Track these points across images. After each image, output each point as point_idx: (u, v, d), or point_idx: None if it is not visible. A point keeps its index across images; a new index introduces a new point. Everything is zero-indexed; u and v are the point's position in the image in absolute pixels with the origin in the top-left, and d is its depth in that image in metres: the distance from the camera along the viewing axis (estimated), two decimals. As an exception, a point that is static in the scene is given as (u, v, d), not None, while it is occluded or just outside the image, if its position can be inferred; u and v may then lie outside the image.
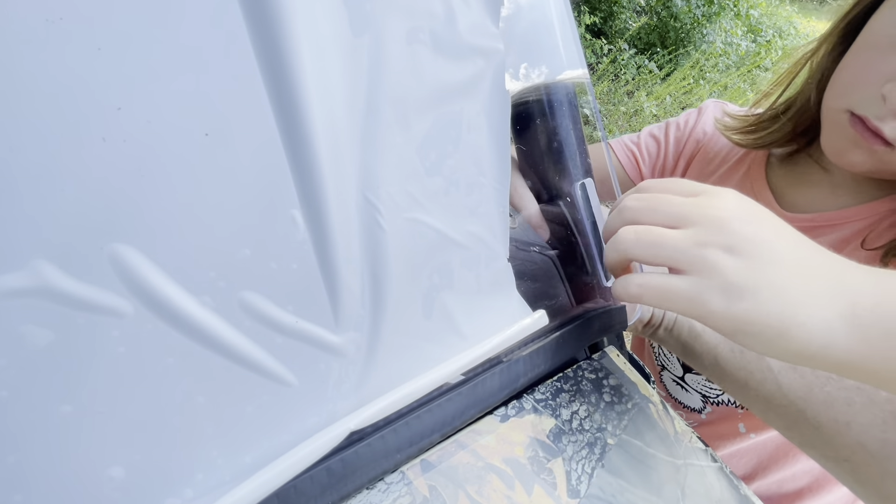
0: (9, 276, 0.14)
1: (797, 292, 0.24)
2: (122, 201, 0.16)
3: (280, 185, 0.19)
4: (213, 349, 0.18)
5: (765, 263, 0.25)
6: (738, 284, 0.24)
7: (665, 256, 0.26)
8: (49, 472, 0.15)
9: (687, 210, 0.26)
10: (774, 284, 0.24)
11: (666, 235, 0.26)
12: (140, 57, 0.16)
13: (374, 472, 0.22)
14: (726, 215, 0.26)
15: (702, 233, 0.26)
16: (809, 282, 0.25)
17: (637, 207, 0.28)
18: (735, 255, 0.25)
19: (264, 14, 0.18)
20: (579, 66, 0.37)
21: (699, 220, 0.26)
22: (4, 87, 0.14)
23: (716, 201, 0.27)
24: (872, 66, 0.39)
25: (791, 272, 0.25)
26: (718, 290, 0.25)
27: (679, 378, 0.58)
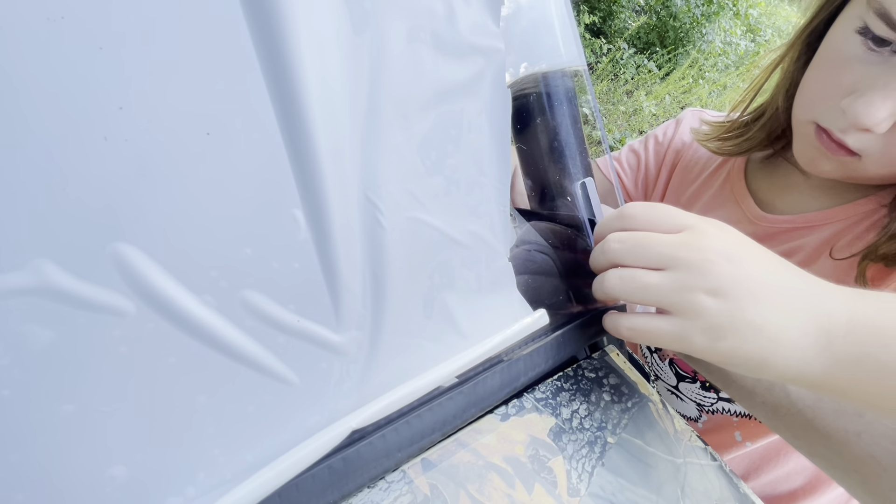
0: (10, 276, 0.14)
1: (775, 328, 0.26)
2: (123, 200, 0.16)
3: (281, 184, 0.19)
4: (215, 348, 0.18)
5: (745, 303, 0.26)
6: (720, 326, 0.27)
7: (650, 300, 0.28)
8: (51, 472, 0.15)
9: (669, 252, 0.28)
10: (754, 323, 0.26)
11: (650, 281, 0.28)
12: (141, 56, 0.16)
13: (375, 470, 0.22)
14: (709, 257, 0.27)
15: (684, 277, 0.27)
16: (787, 315, 0.27)
17: (620, 250, 0.29)
18: (717, 297, 0.26)
19: (265, 13, 0.18)
20: (580, 65, 0.37)
21: (681, 263, 0.27)
22: (5, 86, 0.14)
23: (698, 241, 0.28)
24: (831, 81, 0.40)
25: (770, 308, 0.27)
26: (701, 331, 0.27)
27: (673, 387, 0.58)
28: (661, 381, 0.59)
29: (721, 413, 0.54)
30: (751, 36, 4.34)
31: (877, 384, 0.26)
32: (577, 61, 0.36)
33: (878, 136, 0.38)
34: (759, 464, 0.53)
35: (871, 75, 0.37)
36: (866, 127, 0.37)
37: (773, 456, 0.52)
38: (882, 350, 0.26)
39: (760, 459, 0.53)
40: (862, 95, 0.37)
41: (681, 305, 0.27)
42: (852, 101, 0.38)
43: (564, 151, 0.36)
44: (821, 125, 0.41)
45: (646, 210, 0.30)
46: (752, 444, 0.52)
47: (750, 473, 0.54)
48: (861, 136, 0.39)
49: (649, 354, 0.60)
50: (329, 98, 0.20)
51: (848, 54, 0.38)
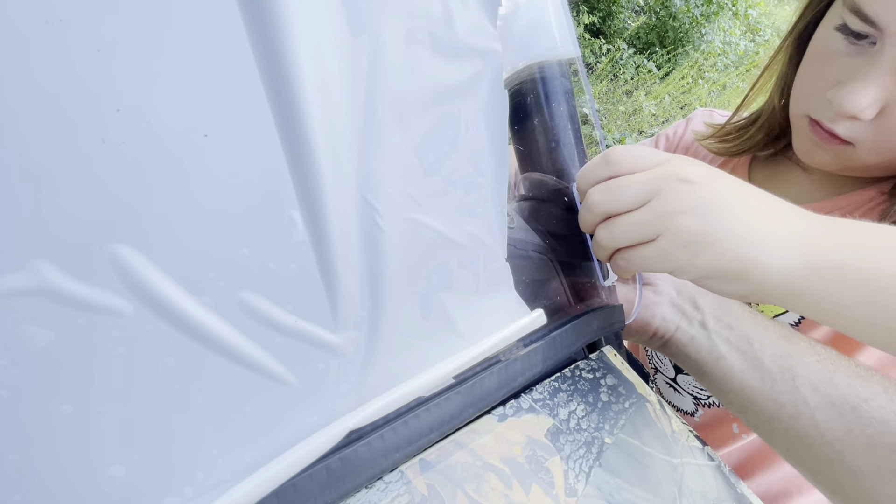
0: (9, 277, 0.14)
1: (756, 234, 0.28)
2: (121, 202, 0.16)
3: (279, 185, 0.20)
4: (213, 349, 0.18)
5: (723, 214, 0.28)
6: (698, 241, 0.28)
7: (636, 236, 0.30)
8: (49, 472, 0.15)
9: (644, 187, 0.29)
10: (734, 231, 0.27)
11: (632, 219, 0.29)
12: (139, 58, 0.16)
13: (372, 470, 0.22)
14: (684, 179, 0.28)
15: (660, 204, 0.28)
16: (767, 222, 0.28)
17: (602, 200, 0.30)
18: (694, 214, 0.28)
19: (262, 15, 0.19)
20: (575, 55, 0.37)
21: (656, 193, 0.29)
22: (4, 87, 0.14)
23: (671, 169, 0.29)
24: (818, 75, 0.43)
25: (749, 217, 0.28)
26: (682, 246, 0.28)
27: (671, 380, 0.58)
28: (660, 374, 0.60)
29: (718, 406, 0.55)
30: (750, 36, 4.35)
31: (853, 293, 0.27)
32: (572, 53, 0.36)
33: (867, 123, 0.40)
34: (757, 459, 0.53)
35: (853, 66, 0.40)
36: (852, 114, 0.39)
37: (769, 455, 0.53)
38: (861, 258, 0.27)
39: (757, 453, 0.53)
40: (846, 85, 0.39)
41: (661, 230, 0.29)
42: (837, 91, 0.40)
43: (561, 148, 0.37)
44: (812, 117, 0.44)
45: (625, 152, 0.31)
46: (748, 436, 0.52)
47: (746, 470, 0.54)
48: (849, 124, 0.41)
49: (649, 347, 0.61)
50: (326, 99, 0.20)
51: (831, 50, 0.41)
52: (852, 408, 0.33)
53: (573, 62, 0.37)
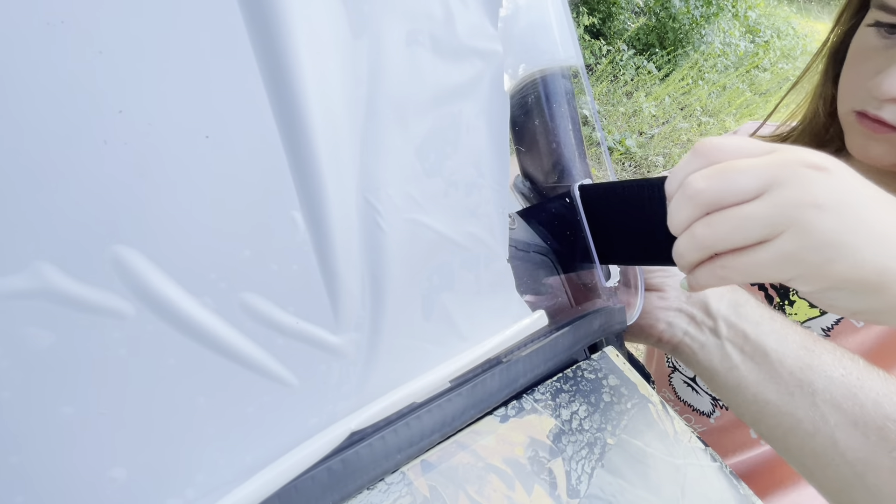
0: (11, 278, 0.14)
1: (892, 240, 0.23)
2: (123, 203, 0.16)
3: (280, 186, 0.20)
4: (215, 350, 0.18)
5: (864, 218, 0.23)
6: (835, 242, 0.23)
7: (754, 233, 0.24)
8: (51, 474, 0.15)
9: (767, 173, 0.24)
10: (877, 230, 0.23)
11: (748, 212, 0.23)
12: (141, 60, 0.16)
13: (374, 472, 0.22)
14: (806, 170, 0.23)
15: (787, 194, 0.23)
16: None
17: (709, 188, 0.24)
18: (827, 210, 0.23)
19: (264, 16, 0.19)
20: (577, 64, 0.37)
21: (780, 181, 0.23)
22: (6, 89, 0.14)
23: (795, 154, 0.24)
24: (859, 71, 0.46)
25: (886, 225, 0.23)
26: (814, 249, 0.23)
27: (690, 379, 0.57)
28: (678, 372, 0.59)
29: None
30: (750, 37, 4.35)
31: None
32: (574, 62, 0.36)
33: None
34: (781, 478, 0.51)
35: (888, 56, 0.43)
36: (893, 96, 0.41)
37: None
38: None
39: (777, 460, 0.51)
40: (882, 72, 0.42)
41: (786, 225, 0.23)
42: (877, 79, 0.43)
43: (562, 148, 0.37)
44: (858, 110, 0.46)
45: (724, 140, 0.26)
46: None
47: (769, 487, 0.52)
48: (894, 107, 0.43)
49: None
50: (328, 101, 0.20)
51: (868, 46, 0.45)
52: (878, 428, 0.31)
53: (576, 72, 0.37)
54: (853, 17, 0.48)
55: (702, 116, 3.29)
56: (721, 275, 0.25)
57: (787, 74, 4.13)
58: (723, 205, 0.24)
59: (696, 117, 3.27)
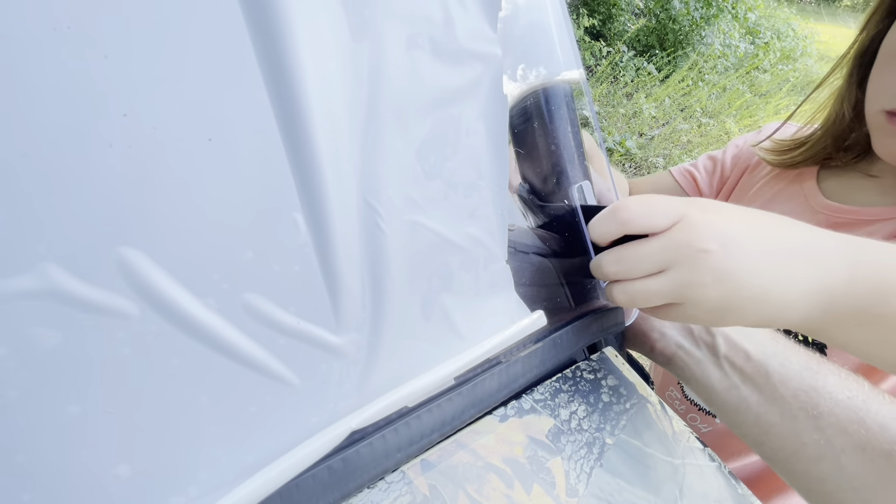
0: (18, 279, 0.15)
1: (777, 295, 0.28)
2: (128, 205, 0.16)
3: (282, 188, 0.20)
4: (217, 350, 0.18)
5: (744, 282, 0.28)
6: (722, 308, 0.28)
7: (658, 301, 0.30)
8: (57, 472, 0.15)
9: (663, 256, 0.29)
10: (756, 297, 0.28)
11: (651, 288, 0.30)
12: (145, 65, 0.16)
13: (374, 471, 0.23)
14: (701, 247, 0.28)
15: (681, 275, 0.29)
16: (789, 279, 0.28)
17: (618, 271, 0.31)
18: (716, 285, 0.28)
19: (266, 21, 0.19)
20: (576, 68, 0.37)
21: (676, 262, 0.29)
22: (13, 93, 0.14)
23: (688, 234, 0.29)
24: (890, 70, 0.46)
25: (771, 276, 0.28)
26: (706, 313, 0.29)
27: None
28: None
29: None
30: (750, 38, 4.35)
31: (869, 333, 0.29)
32: (573, 64, 0.37)
33: None
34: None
35: None
36: None
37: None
38: (880, 304, 0.28)
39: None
40: None
41: (681, 300, 0.29)
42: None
43: (562, 151, 0.37)
44: (889, 109, 0.46)
45: (637, 208, 0.30)
46: None
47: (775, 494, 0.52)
48: None
49: None
50: (329, 104, 0.21)
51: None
52: (885, 453, 0.30)
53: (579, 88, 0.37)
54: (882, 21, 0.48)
55: (702, 118, 3.30)
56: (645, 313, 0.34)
57: (787, 76, 4.14)
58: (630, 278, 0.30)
59: (696, 118, 3.27)
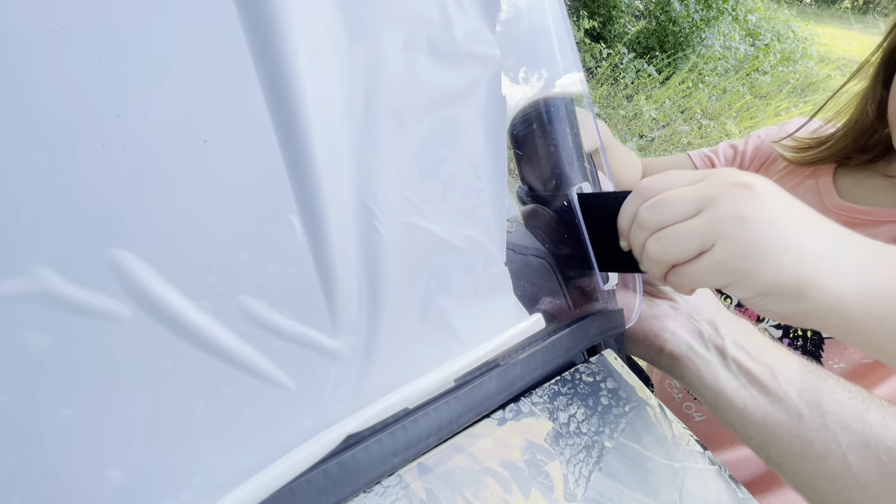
0: (9, 281, 0.14)
1: (815, 258, 0.26)
2: (121, 207, 0.16)
3: (278, 190, 0.20)
4: (211, 353, 0.18)
5: (783, 228, 0.26)
6: (757, 249, 0.26)
7: (691, 246, 0.28)
8: (48, 475, 0.15)
9: (699, 195, 0.28)
10: (791, 247, 0.26)
11: (685, 228, 0.28)
12: (139, 66, 0.16)
13: (371, 475, 0.22)
14: (733, 188, 0.27)
15: (714, 211, 0.27)
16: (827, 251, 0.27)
17: (652, 216, 0.29)
18: (749, 221, 0.26)
19: (262, 21, 0.19)
20: (575, 70, 0.37)
21: (709, 201, 0.27)
22: (7, 94, 0.14)
23: (718, 179, 0.28)
24: None
25: (809, 239, 0.27)
26: (742, 256, 0.26)
27: None
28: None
29: None
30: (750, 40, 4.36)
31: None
32: (573, 66, 0.37)
33: None
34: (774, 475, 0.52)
35: None
36: None
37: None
38: None
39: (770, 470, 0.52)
40: None
41: (717, 236, 0.27)
42: None
43: (560, 152, 0.37)
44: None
45: (659, 177, 0.30)
46: None
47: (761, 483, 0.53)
48: None
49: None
50: (325, 105, 0.21)
51: None
52: (888, 449, 0.31)
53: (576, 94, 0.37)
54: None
55: (702, 119, 3.30)
56: (675, 282, 0.30)
57: (788, 77, 4.14)
58: (666, 226, 0.29)
59: (696, 120, 3.27)
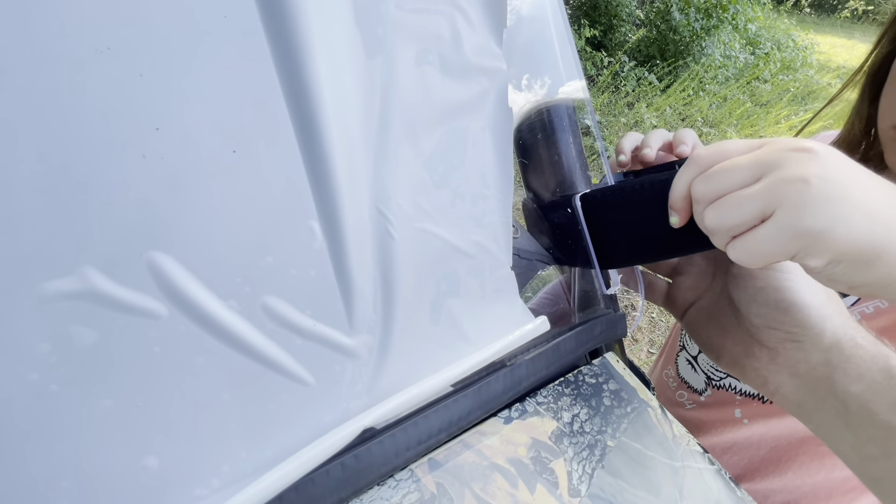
0: (59, 281, 0.16)
1: (887, 215, 0.25)
2: (159, 212, 0.17)
3: (300, 197, 0.21)
4: (239, 349, 0.19)
5: (851, 190, 0.24)
6: (825, 213, 0.24)
7: (752, 211, 0.26)
8: (92, 461, 0.16)
9: (759, 160, 0.26)
10: (862, 206, 0.24)
11: (745, 193, 0.26)
12: (176, 82, 0.18)
13: (385, 468, 0.24)
14: (796, 151, 0.25)
15: (777, 173, 0.25)
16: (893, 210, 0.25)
17: (707, 189, 0.28)
18: (813, 185, 0.24)
19: (287, 40, 0.20)
20: (577, 78, 0.38)
21: (770, 165, 0.26)
22: (57, 108, 0.16)
23: (784, 142, 0.26)
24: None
25: (879, 200, 0.25)
26: (808, 219, 0.24)
27: (693, 357, 0.60)
28: (685, 350, 0.61)
29: (726, 389, 0.56)
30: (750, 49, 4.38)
31: None
32: (575, 74, 0.38)
33: None
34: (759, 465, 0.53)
35: None
36: None
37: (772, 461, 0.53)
38: None
39: (760, 461, 0.53)
40: None
41: (780, 200, 0.25)
42: None
43: (563, 159, 0.38)
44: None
45: (714, 146, 0.28)
46: (750, 422, 0.53)
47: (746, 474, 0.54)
48: None
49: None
50: (344, 117, 0.22)
51: None
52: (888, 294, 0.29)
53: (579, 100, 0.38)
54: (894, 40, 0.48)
55: (703, 127, 3.32)
56: (737, 256, 0.27)
57: (788, 86, 4.16)
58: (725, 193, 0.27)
59: (697, 128, 3.29)
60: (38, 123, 0.15)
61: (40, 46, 0.15)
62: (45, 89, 0.15)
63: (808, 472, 0.50)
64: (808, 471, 0.50)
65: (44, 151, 0.15)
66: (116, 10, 0.16)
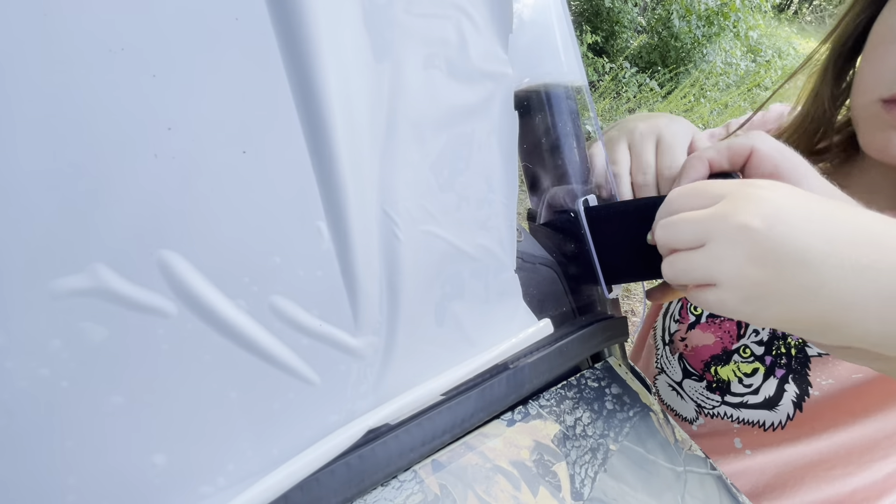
0: (71, 278, 0.16)
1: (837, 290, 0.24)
2: (169, 211, 0.18)
3: (308, 198, 0.21)
4: (246, 348, 0.19)
5: (792, 269, 0.24)
6: (761, 295, 0.25)
7: (695, 277, 0.28)
8: (100, 457, 0.16)
9: (700, 227, 0.27)
10: (808, 287, 0.24)
11: (690, 259, 0.27)
12: (188, 83, 0.18)
13: (388, 469, 0.24)
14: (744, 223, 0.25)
15: (718, 249, 0.26)
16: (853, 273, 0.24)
17: (663, 236, 0.29)
18: (756, 265, 0.25)
19: (296, 43, 0.20)
20: (580, 81, 0.38)
21: (714, 235, 0.26)
22: (71, 108, 0.16)
23: (733, 208, 0.26)
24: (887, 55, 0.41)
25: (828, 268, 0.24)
26: (743, 301, 0.26)
27: (676, 383, 0.56)
28: (664, 374, 0.57)
29: (722, 418, 0.52)
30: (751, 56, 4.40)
31: None
32: (578, 77, 0.38)
33: None
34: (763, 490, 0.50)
35: None
36: None
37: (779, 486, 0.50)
38: None
39: (765, 486, 0.50)
40: None
41: (719, 278, 0.26)
42: None
43: (567, 165, 0.38)
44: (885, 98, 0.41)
45: (684, 190, 0.29)
46: (753, 452, 0.50)
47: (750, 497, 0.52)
48: None
49: (661, 346, 0.58)
50: (351, 120, 0.22)
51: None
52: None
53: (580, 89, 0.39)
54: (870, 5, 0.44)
55: (704, 134, 3.32)
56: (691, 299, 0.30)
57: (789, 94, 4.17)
58: (675, 249, 0.29)
59: (698, 134, 3.29)
60: (52, 122, 0.15)
61: (55, 47, 0.15)
62: (59, 89, 0.16)
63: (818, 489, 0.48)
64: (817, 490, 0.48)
65: (57, 150, 0.16)
66: (130, 12, 0.17)
